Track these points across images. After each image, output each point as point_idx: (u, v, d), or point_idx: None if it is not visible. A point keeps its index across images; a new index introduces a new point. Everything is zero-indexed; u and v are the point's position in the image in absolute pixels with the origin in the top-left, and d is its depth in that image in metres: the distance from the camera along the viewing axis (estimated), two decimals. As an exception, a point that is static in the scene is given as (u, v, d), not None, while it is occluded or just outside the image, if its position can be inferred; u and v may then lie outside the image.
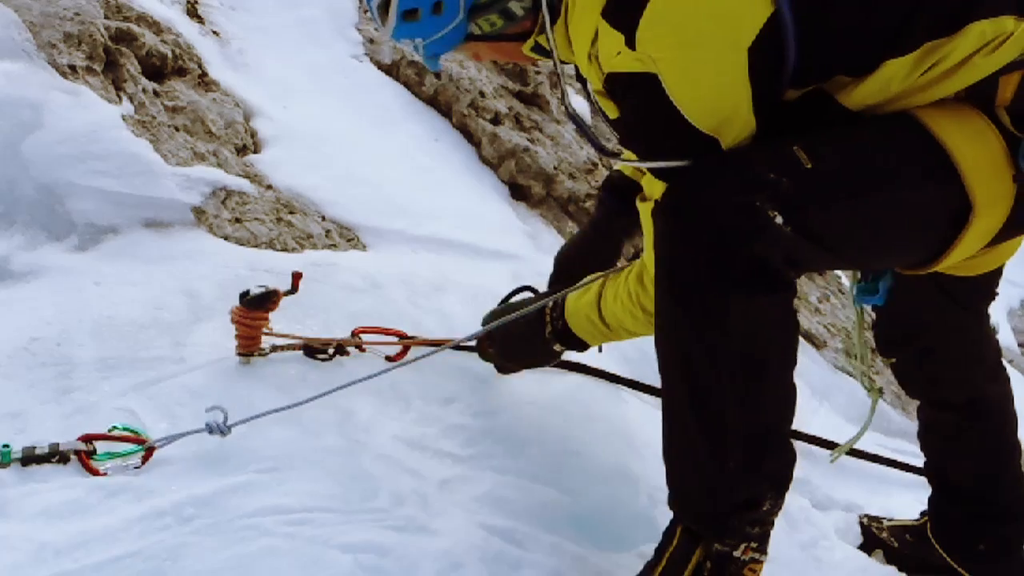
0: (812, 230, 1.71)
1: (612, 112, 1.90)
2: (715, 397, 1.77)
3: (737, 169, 1.73)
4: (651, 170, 1.87)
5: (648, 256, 1.98)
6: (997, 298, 2.27)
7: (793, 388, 1.85)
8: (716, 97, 1.73)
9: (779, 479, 1.88)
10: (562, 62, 1.97)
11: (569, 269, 2.44)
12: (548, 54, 2.00)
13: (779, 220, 1.67)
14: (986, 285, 2.21)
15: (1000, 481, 2.35)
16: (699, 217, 1.71)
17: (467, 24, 1.98)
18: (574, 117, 2.05)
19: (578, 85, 2.03)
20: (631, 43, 1.72)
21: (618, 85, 1.81)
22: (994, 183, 1.74)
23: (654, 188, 1.88)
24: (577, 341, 2.25)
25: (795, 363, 1.85)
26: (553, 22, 1.91)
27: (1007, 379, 2.38)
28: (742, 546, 1.86)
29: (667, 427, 1.87)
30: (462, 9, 1.95)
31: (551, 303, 2.25)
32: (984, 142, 1.74)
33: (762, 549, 1.89)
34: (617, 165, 1.95)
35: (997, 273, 2.17)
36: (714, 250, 1.70)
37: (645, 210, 1.94)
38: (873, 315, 2.42)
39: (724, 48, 1.70)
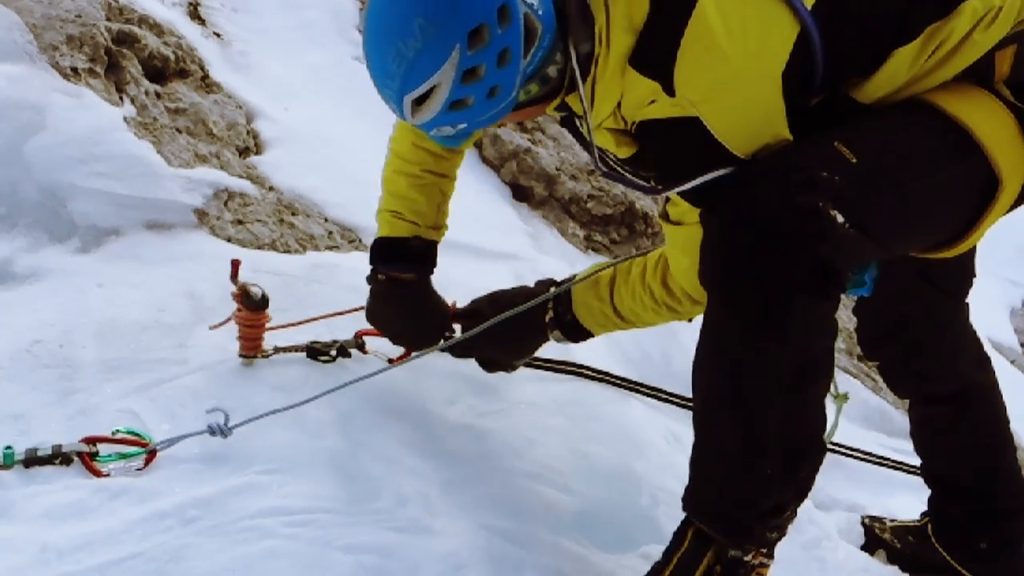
0: (867, 224, 1.71)
1: (625, 152, 1.89)
2: (762, 409, 1.75)
3: (790, 171, 1.71)
4: (689, 196, 1.83)
5: (674, 264, 1.99)
6: (975, 283, 2.28)
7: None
8: (758, 127, 1.75)
9: (806, 485, 1.88)
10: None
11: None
12: (568, 109, 1.95)
13: (840, 219, 1.66)
14: (965, 268, 2.23)
15: (996, 475, 2.35)
16: (762, 223, 1.67)
17: (516, 99, 1.79)
18: (609, 175, 2.02)
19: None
20: (669, 90, 1.71)
21: (653, 131, 1.79)
22: (1012, 154, 1.79)
23: (684, 214, 1.87)
24: (583, 332, 2.23)
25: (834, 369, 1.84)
26: (583, 80, 1.81)
27: (992, 368, 2.38)
28: (753, 551, 1.85)
29: (701, 434, 1.84)
30: (517, 87, 1.75)
31: (554, 294, 2.22)
32: (996, 116, 1.80)
33: (770, 554, 1.89)
34: (666, 194, 1.90)
35: (972, 254, 2.18)
36: (779, 255, 1.66)
37: (670, 231, 1.96)
38: (854, 319, 2.42)
39: (761, 80, 1.71)
